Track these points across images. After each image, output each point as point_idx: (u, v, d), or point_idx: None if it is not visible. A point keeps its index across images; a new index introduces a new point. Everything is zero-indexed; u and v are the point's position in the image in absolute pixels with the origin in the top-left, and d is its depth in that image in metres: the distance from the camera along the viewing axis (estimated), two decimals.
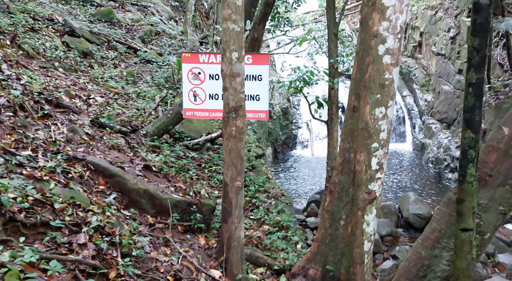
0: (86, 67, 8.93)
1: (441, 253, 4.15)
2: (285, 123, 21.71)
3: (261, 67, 5.61)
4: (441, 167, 15.58)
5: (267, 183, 7.05)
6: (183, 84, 5.81)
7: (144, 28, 12.33)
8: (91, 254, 3.05)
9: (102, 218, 3.44)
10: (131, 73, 9.55)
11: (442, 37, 17.51)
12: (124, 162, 4.94)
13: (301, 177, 16.91)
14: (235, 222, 3.96)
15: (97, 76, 8.54)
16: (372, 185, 4.02)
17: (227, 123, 3.78)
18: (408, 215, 10.47)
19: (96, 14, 11.86)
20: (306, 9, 30.48)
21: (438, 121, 17.65)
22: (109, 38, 10.56)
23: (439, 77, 17.76)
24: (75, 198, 3.60)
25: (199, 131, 7.83)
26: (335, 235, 4.29)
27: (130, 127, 6.58)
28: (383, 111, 3.94)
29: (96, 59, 9.52)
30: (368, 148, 3.99)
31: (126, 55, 10.55)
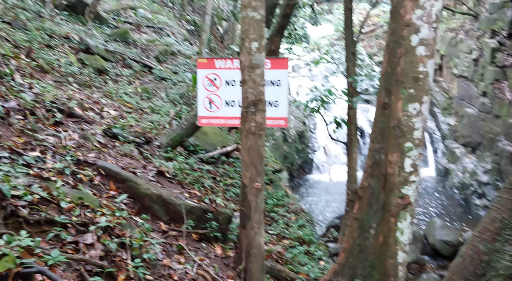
0: (101, 83, 8.90)
1: (503, 247, 3.73)
2: (301, 147, 21.40)
3: (280, 72, 5.44)
4: (467, 193, 15.04)
5: (286, 197, 6.75)
6: (198, 91, 5.66)
7: (159, 48, 12.41)
8: (99, 255, 2.81)
9: (111, 218, 3.21)
10: (146, 90, 9.51)
11: (464, 59, 17.26)
12: (137, 168, 4.75)
13: (319, 202, 16.48)
14: (255, 227, 3.69)
15: (111, 92, 8.48)
16: (405, 188, 3.72)
17: (245, 119, 3.57)
18: (435, 241, 9.97)
19: (112, 34, 11.99)
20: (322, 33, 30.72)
21: (462, 145, 17.15)
22: (124, 56, 10.60)
23: (461, 100, 17.39)
24: (84, 199, 3.39)
25: (214, 145, 7.64)
26: (365, 246, 3.96)
27: (144, 139, 6.42)
28: (417, 108, 3.69)
29: (110, 76, 9.51)
30: (401, 148, 3.72)
31: (141, 73, 10.56)
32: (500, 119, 15.14)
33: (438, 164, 18.32)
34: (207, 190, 5.94)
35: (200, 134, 7.60)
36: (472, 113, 16.43)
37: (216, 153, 7.42)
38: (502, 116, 15.10)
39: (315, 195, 17.47)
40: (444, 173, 17.50)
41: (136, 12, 13.86)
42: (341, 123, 10.49)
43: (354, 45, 10.77)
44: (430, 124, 19.99)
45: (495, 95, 15.67)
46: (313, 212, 14.71)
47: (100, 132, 5.69)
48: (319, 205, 15.98)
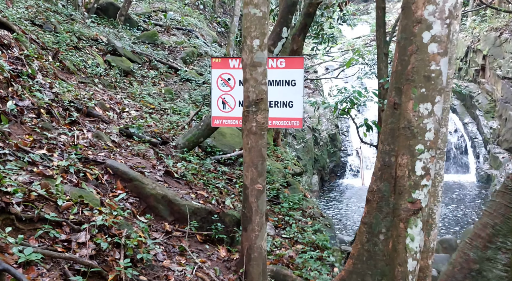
0: (125, 84, 9.09)
1: (495, 255, 3.52)
2: (333, 150, 21.07)
3: (295, 71, 5.35)
4: None
5: (304, 201, 6.63)
6: (212, 91, 5.65)
7: (187, 49, 12.56)
8: (89, 254, 2.81)
9: (108, 217, 3.22)
10: (169, 91, 9.63)
11: (509, 60, 16.53)
12: (146, 167, 4.78)
13: (350, 208, 16.18)
14: (256, 230, 3.61)
15: (135, 93, 8.64)
16: (416, 193, 3.54)
17: (246, 119, 3.51)
18: None
19: (140, 36, 12.24)
20: (356, 34, 30.24)
21: (506, 150, 16.40)
22: (150, 58, 10.79)
23: (506, 103, 16.65)
24: (84, 197, 3.43)
25: (232, 146, 7.62)
26: (374, 252, 3.80)
27: (160, 139, 6.48)
28: (428, 108, 3.51)
29: (136, 78, 9.70)
30: (412, 150, 3.55)
31: (166, 74, 10.71)
32: None
33: (479, 170, 17.59)
34: (222, 191, 5.91)
35: (218, 135, 7.60)
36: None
37: (234, 154, 7.39)
38: None
39: (346, 200, 17.19)
40: (485, 179, 16.79)
41: (166, 15, 14.11)
42: (372, 126, 10.25)
43: (387, 46, 10.48)
44: (472, 128, 19.22)
45: None
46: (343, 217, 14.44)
47: (116, 131, 5.78)
48: (349, 210, 15.70)
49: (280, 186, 6.71)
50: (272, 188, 6.53)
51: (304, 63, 5.50)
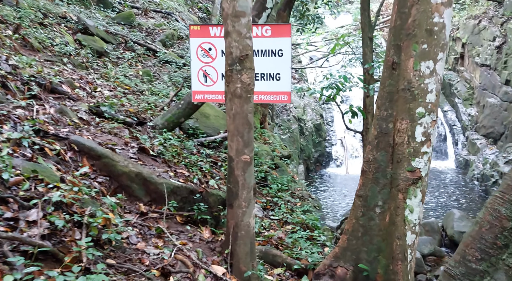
0: (99, 65, 8.51)
1: None
2: (318, 140, 20.87)
3: (282, 40, 4.91)
4: (487, 184, 14.43)
5: (293, 183, 6.23)
6: (192, 63, 5.18)
7: (166, 32, 11.97)
8: (41, 233, 2.34)
9: (67, 193, 2.75)
10: (147, 73, 9.08)
11: (487, 47, 16.49)
12: (117, 144, 4.28)
13: (335, 196, 16.06)
14: (243, 205, 3.18)
15: (109, 73, 8.08)
16: (416, 161, 3.17)
17: (230, 79, 3.06)
18: (453, 233, 9.53)
19: (115, 17, 11.60)
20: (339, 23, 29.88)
21: (483, 136, 16.49)
22: (126, 39, 10.20)
23: (484, 90, 16.64)
24: (39, 173, 2.94)
25: (216, 128, 7.16)
26: (369, 226, 3.42)
27: (136, 119, 5.98)
28: (430, 66, 3.13)
29: (110, 59, 9.12)
30: (412, 114, 3.17)
31: (144, 56, 10.14)
32: None
33: (458, 156, 17.67)
34: (205, 174, 5.47)
35: (201, 117, 7.13)
36: (495, 103, 15.74)
37: (219, 137, 6.94)
38: None
39: (331, 189, 17.06)
40: (464, 165, 16.86)
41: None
42: (357, 113, 9.92)
43: (372, 30, 10.12)
44: (451, 116, 19.24)
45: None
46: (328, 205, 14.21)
47: (84, 109, 5.26)
48: (335, 199, 15.55)
49: (268, 168, 6.29)
50: (260, 170, 6.11)
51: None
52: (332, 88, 10.00)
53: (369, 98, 9.99)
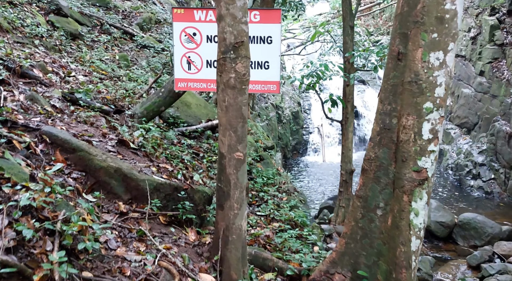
0: (73, 48, 7.99)
1: None
2: (295, 128, 20.76)
3: (271, 26, 4.58)
4: (461, 173, 14.63)
5: (278, 176, 5.96)
6: (175, 49, 4.79)
7: (144, 15, 11.42)
8: (5, 246, 1.99)
9: (38, 195, 2.38)
10: (124, 57, 8.59)
11: (462, 38, 16.55)
12: (94, 136, 3.89)
13: (313, 184, 15.99)
14: (235, 207, 2.89)
15: (84, 57, 7.58)
16: (422, 160, 2.93)
17: (223, 68, 2.73)
18: (430, 223, 9.56)
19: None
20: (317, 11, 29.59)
21: (457, 126, 16.69)
22: (102, 22, 9.63)
23: (459, 80, 16.75)
24: (5, 170, 2.56)
25: (198, 118, 6.80)
26: (370, 229, 3.19)
27: (114, 107, 5.57)
28: (440, 57, 2.87)
29: (85, 42, 8.58)
30: (418, 109, 2.91)
31: (121, 40, 9.61)
32: (498, 99, 14.56)
33: None
34: (187, 166, 5.14)
35: (182, 105, 6.76)
36: (469, 93, 15.89)
37: (200, 126, 6.58)
38: (500, 96, 14.52)
39: (308, 177, 17.00)
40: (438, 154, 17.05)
41: None
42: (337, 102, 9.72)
43: (353, 19, 9.87)
44: None
45: (493, 74, 15.01)
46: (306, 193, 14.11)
47: (58, 96, 4.82)
48: (312, 187, 15.50)
49: (253, 160, 5.99)
50: None
51: None
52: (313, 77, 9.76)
53: (349, 87, 9.80)
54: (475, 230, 9.22)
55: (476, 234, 9.20)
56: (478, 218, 9.34)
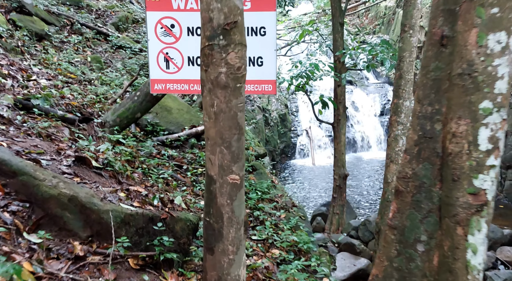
0: (37, 50, 7.08)
1: None
2: (283, 131, 20.08)
3: (264, 15, 3.79)
4: None
5: (272, 189, 5.16)
6: (149, 44, 3.97)
7: (119, 14, 10.53)
8: None
9: None
10: (97, 59, 7.71)
11: None
12: (46, 153, 3.04)
13: (303, 189, 15.29)
14: (229, 251, 2.08)
15: (50, 59, 6.68)
16: (480, 178, 2.16)
17: (209, 60, 1.93)
18: None
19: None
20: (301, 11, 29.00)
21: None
22: (72, 21, 8.72)
23: None
24: None
25: (180, 124, 5.96)
26: (409, 271, 2.40)
27: (80, 115, 4.71)
28: (502, 40, 2.10)
29: (53, 43, 7.67)
30: (473, 111, 2.14)
31: (94, 41, 8.71)
32: None
33: None
34: (168, 182, 4.31)
35: (162, 111, 5.91)
36: None
37: (183, 134, 5.75)
38: None
39: (298, 181, 16.31)
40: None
41: None
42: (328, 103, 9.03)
43: (342, 15, 9.22)
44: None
45: None
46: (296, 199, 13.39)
47: (7, 103, 3.95)
48: (302, 192, 14.78)
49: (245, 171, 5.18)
50: None
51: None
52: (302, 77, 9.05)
53: (340, 87, 9.14)
54: None
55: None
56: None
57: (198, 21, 3.90)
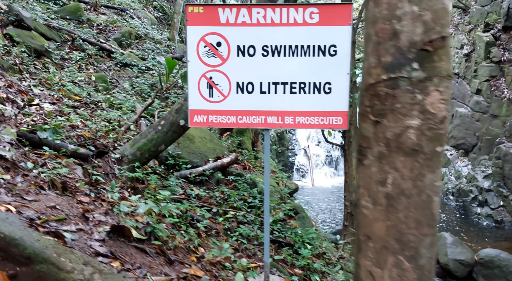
0: (37, 68, 6.17)
1: None
2: (280, 150, 19.28)
3: (336, 30, 2.98)
4: (466, 200, 13.37)
5: (317, 237, 4.28)
6: (189, 66, 3.12)
7: (122, 29, 9.67)
8: None
9: None
10: (102, 78, 6.82)
11: (455, 55, 15.62)
12: (67, 219, 2.14)
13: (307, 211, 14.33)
14: None
15: (51, 79, 5.78)
16: None
17: (387, 105, 1.10)
18: (447, 261, 8.23)
19: (59, 11, 9.15)
20: None
21: (453, 147, 15.64)
22: (74, 36, 7.83)
23: (453, 99, 15.75)
24: None
25: (204, 155, 5.08)
26: None
27: (94, 148, 3.82)
28: None
29: (53, 60, 6.77)
30: None
31: (96, 58, 7.82)
32: (499, 119, 13.53)
33: None
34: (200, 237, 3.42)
35: (184, 140, 5.03)
36: (465, 113, 14.88)
37: (208, 167, 4.87)
38: (501, 116, 13.49)
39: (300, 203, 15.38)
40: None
41: None
42: None
43: (354, 33, 8.70)
44: None
45: (492, 93, 14.03)
46: None
47: (10, 138, 3.05)
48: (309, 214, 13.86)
49: (284, 215, 4.31)
50: (275, 219, 4.11)
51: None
52: None
53: (351, 108, 8.49)
54: (499, 268, 7.94)
55: (501, 273, 7.91)
56: (502, 255, 8.08)
57: (250, 38, 3.09)
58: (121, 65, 7.86)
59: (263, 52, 3.08)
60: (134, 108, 5.77)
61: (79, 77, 6.45)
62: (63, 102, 5.00)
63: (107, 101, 5.77)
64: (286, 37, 3.03)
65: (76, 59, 7.17)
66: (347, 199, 8.86)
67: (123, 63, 7.88)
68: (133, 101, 6.12)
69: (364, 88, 1.15)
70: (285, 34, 3.03)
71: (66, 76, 6.27)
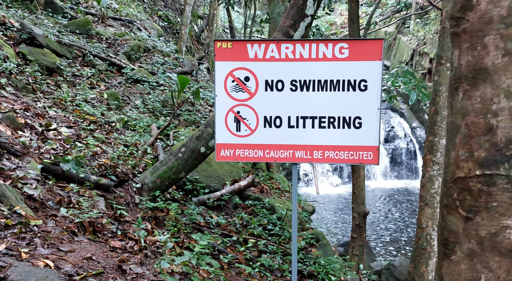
0: (51, 86, 6.10)
1: None
2: None
3: (367, 65, 2.92)
4: None
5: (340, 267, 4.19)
6: (217, 100, 3.06)
7: (131, 43, 9.61)
8: None
9: None
10: (114, 96, 6.75)
11: None
12: (105, 272, 2.07)
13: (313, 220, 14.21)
14: None
15: (65, 99, 5.71)
16: None
17: (479, 203, 1.03)
18: None
19: (68, 25, 9.09)
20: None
21: None
22: (84, 52, 7.77)
23: None
24: None
25: (221, 178, 5.01)
26: None
27: (116, 177, 3.74)
28: None
29: (65, 77, 6.70)
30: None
31: (107, 73, 7.76)
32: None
33: None
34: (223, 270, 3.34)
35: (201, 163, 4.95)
36: None
37: (225, 191, 4.80)
38: None
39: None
40: None
41: (100, 1, 10.96)
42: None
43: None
44: (420, 133, 18.29)
45: None
46: None
47: (35, 173, 2.97)
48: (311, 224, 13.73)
49: (306, 243, 4.24)
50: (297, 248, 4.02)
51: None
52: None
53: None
54: None
55: None
56: None
57: (278, 73, 3.03)
58: (132, 81, 7.79)
59: (291, 87, 3.02)
60: (148, 128, 5.70)
61: (91, 95, 6.38)
62: (79, 125, 4.93)
63: (121, 121, 5.70)
64: (315, 72, 2.97)
65: (87, 76, 7.10)
66: (355, 211, 8.76)
67: (134, 79, 7.81)
68: (146, 120, 6.04)
69: (451, 179, 1.08)
70: (314, 69, 2.97)
71: (79, 94, 6.20)
